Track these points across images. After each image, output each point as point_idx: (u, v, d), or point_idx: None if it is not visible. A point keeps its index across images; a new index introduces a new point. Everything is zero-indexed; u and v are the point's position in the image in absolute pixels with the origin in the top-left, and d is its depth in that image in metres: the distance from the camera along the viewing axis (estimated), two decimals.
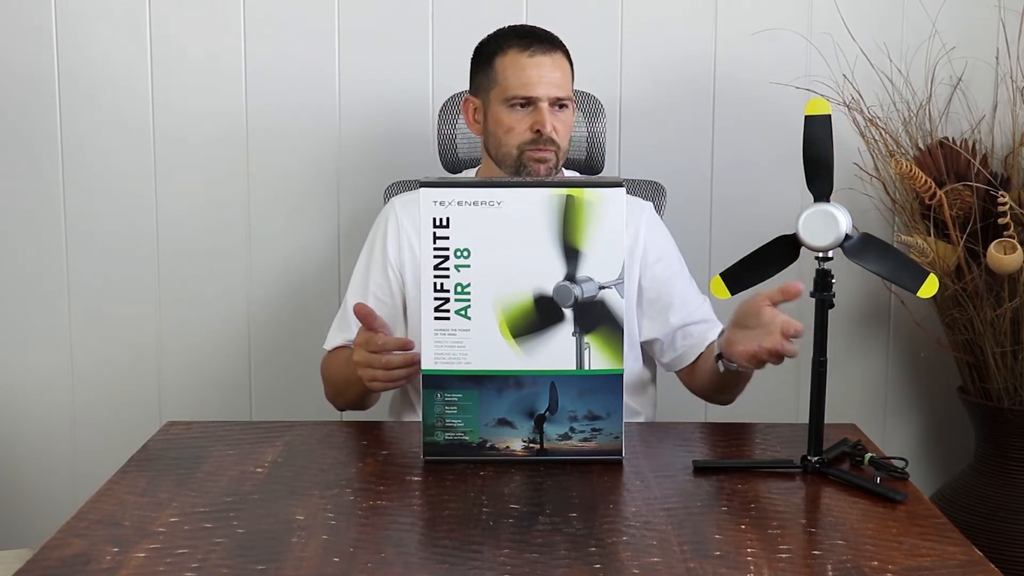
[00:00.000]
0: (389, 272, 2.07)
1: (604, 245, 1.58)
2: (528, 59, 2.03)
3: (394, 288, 2.06)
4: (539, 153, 2.02)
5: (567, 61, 2.07)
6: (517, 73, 2.03)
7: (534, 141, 2.02)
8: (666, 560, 1.31)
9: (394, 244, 2.07)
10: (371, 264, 2.09)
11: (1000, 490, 2.48)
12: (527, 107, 2.03)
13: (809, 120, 1.59)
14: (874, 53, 2.54)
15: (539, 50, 2.03)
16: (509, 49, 2.05)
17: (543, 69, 2.02)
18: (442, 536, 1.39)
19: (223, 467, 1.62)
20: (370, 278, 2.08)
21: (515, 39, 2.05)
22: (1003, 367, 2.45)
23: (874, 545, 1.36)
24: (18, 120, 2.62)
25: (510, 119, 2.04)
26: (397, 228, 2.08)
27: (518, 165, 2.04)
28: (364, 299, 2.04)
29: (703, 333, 2.04)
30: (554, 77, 2.02)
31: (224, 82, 2.60)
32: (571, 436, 1.61)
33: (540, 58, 2.03)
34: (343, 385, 1.98)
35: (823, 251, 1.58)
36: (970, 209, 2.42)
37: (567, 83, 2.05)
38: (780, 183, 2.59)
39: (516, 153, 2.03)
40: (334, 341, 2.08)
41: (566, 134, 2.05)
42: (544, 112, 2.01)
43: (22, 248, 2.66)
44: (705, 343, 2.02)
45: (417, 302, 1.99)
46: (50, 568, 1.29)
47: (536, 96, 2.01)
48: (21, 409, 2.71)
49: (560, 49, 2.06)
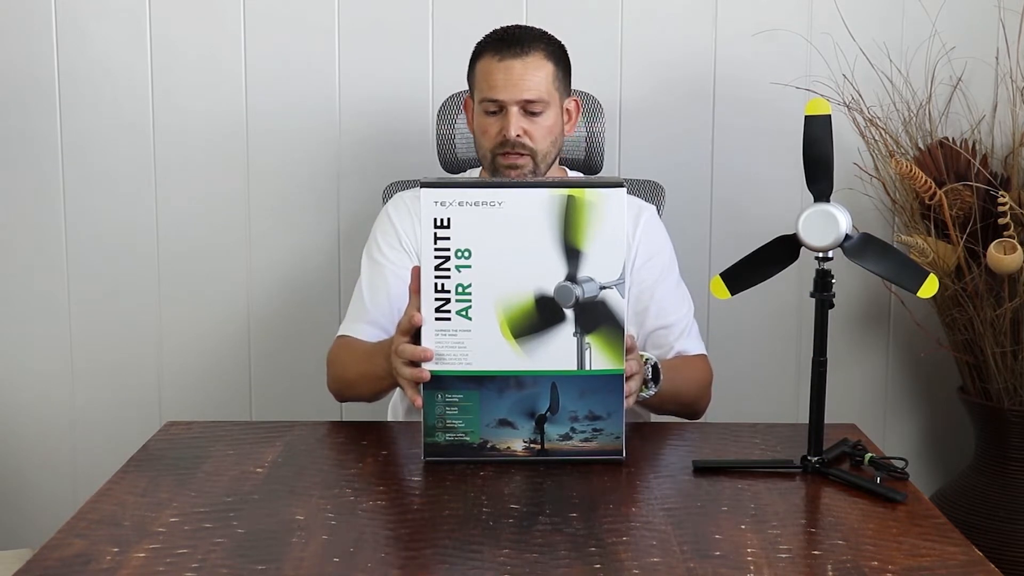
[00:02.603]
0: (404, 246, 2.05)
1: (605, 245, 1.58)
2: (497, 63, 2.02)
3: (414, 260, 2.01)
4: (508, 159, 2.02)
5: (549, 62, 2.03)
6: (486, 77, 2.03)
7: (502, 145, 2.02)
8: (666, 560, 1.31)
9: (403, 222, 2.07)
10: (384, 247, 2.06)
11: (1000, 490, 2.48)
12: (498, 112, 2.03)
13: (809, 120, 1.59)
14: (874, 53, 2.54)
15: (509, 54, 2.01)
16: (484, 53, 2.05)
17: (511, 73, 2.00)
18: (442, 536, 1.39)
19: (223, 467, 1.62)
20: (385, 260, 2.05)
21: (491, 43, 2.05)
22: (1003, 367, 2.45)
23: (874, 545, 1.36)
24: (18, 120, 2.62)
25: (483, 123, 2.05)
26: (406, 209, 2.08)
27: (493, 169, 2.05)
28: (384, 283, 2.03)
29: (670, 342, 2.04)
30: (524, 81, 2.00)
31: (224, 81, 2.60)
32: (572, 436, 1.61)
33: (509, 62, 2.01)
34: (355, 379, 1.94)
35: (823, 251, 1.58)
36: (970, 209, 2.42)
37: (542, 85, 2.01)
38: (780, 183, 2.59)
39: (490, 157, 2.05)
40: (352, 331, 2.03)
41: (542, 137, 2.02)
42: (511, 116, 2.00)
43: (22, 248, 2.66)
44: (671, 352, 2.03)
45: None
46: (50, 568, 1.29)
47: (502, 100, 2.01)
48: (21, 409, 2.71)
49: (539, 50, 2.03)
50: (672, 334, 2.06)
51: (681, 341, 2.06)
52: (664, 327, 2.06)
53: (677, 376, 1.91)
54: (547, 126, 2.04)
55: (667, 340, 2.05)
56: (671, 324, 2.06)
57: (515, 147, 2.01)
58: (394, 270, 2.04)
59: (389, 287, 2.02)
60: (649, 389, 1.82)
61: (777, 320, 2.68)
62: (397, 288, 2.00)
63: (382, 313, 2.01)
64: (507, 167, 2.03)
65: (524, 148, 2.02)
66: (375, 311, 2.01)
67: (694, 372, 2.04)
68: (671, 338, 2.05)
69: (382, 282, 2.04)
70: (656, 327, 2.06)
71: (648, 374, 1.82)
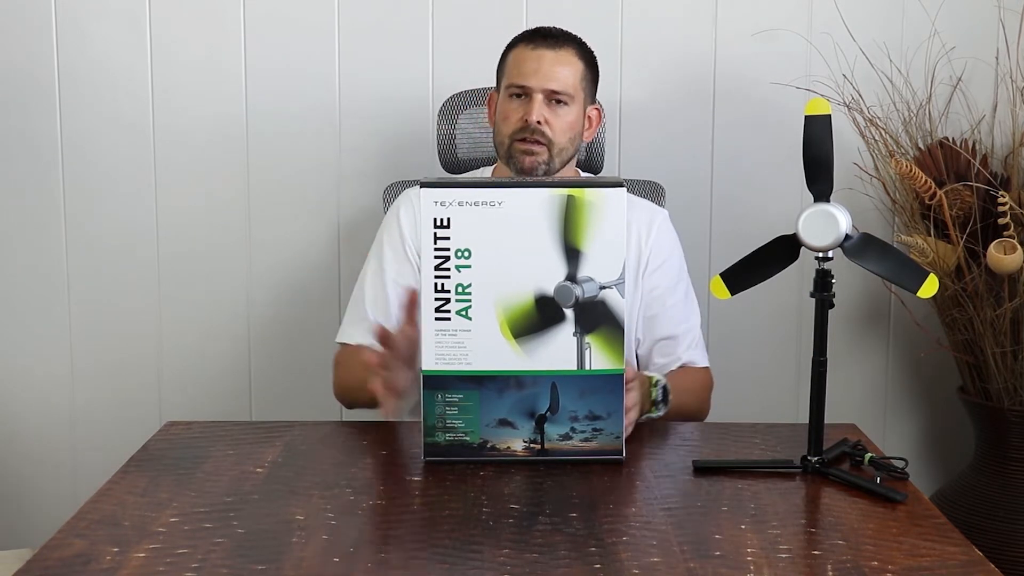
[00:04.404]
0: (408, 253, 2.05)
1: (605, 245, 1.58)
2: (530, 51, 2.04)
3: (415, 269, 2.02)
4: (525, 144, 2.01)
5: (579, 59, 2.06)
6: (517, 64, 2.05)
7: (522, 130, 2.01)
8: (666, 560, 1.31)
9: (410, 226, 2.06)
10: (388, 251, 2.06)
11: (1000, 490, 2.48)
12: (523, 97, 2.03)
13: (809, 120, 1.59)
14: (874, 53, 2.54)
15: (543, 44, 2.04)
16: (518, 43, 2.07)
17: (543, 62, 2.02)
18: (442, 536, 1.39)
19: (223, 467, 1.62)
20: (388, 266, 2.05)
21: (527, 35, 2.08)
22: (1003, 367, 2.45)
23: (874, 545, 1.36)
24: (18, 120, 2.62)
25: (506, 108, 2.05)
26: (412, 211, 2.07)
27: (508, 156, 2.04)
28: (384, 289, 2.03)
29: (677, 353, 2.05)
30: (553, 71, 2.02)
31: (224, 82, 2.60)
32: (572, 436, 1.61)
33: (543, 51, 2.03)
34: (357, 388, 1.92)
35: (823, 251, 1.58)
36: (970, 209, 2.42)
37: (570, 79, 2.03)
38: (780, 183, 2.59)
39: (507, 143, 2.04)
40: (352, 337, 2.04)
41: (562, 130, 2.03)
42: (535, 103, 2.01)
43: (22, 248, 2.66)
44: (677, 363, 2.04)
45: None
46: (50, 568, 1.29)
47: (529, 86, 2.02)
48: (21, 409, 2.71)
49: (572, 47, 2.06)
50: (680, 346, 2.07)
51: (688, 352, 2.07)
52: (672, 337, 2.07)
53: (682, 393, 1.91)
54: (569, 121, 2.04)
55: (674, 351, 2.06)
56: (679, 335, 2.07)
57: (534, 133, 2.01)
58: (395, 277, 2.04)
59: (388, 296, 2.03)
60: (659, 410, 1.83)
61: (777, 320, 2.68)
62: (396, 296, 2.01)
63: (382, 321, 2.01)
64: (523, 153, 2.02)
65: (543, 137, 2.02)
66: (374, 318, 2.02)
67: (697, 386, 2.05)
68: (679, 350, 2.06)
69: (382, 292, 2.04)
70: (664, 336, 2.06)
71: (658, 396, 1.82)
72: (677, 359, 2.06)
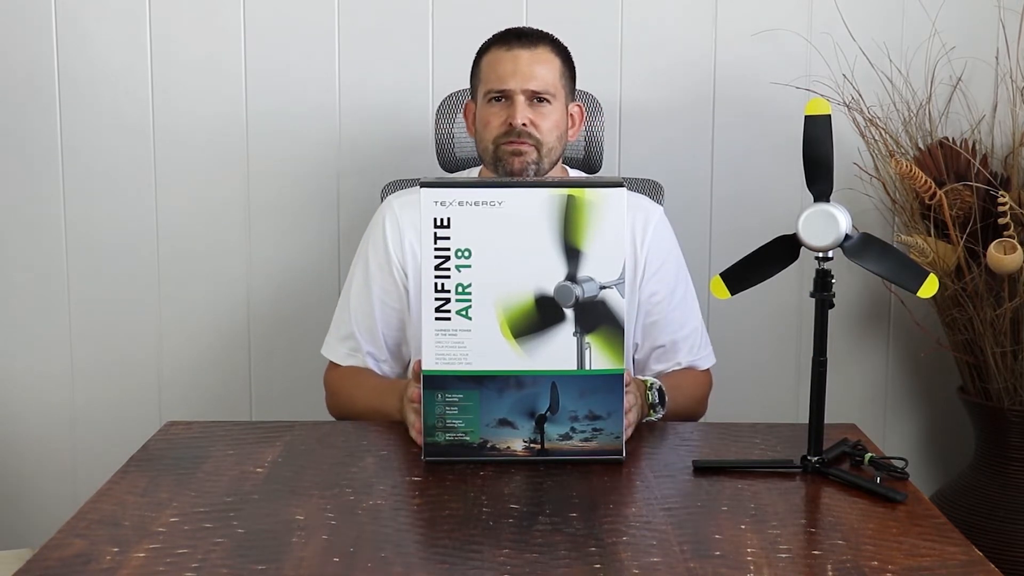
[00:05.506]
0: (395, 273, 2.04)
1: (605, 245, 1.58)
2: (506, 53, 2.01)
3: (400, 290, 2.04)
4: (512, 146, 1.98)
5: (556, 57, 2.03)
6: (493, 67, 2.02)
7: (507, 134, 1.99)
8: (666, 560, 1.31)
9: (396, 244, 2.04)
10: (374, 268, 2.05)
11: (1000, 490, 2.48)
12: (503, 101, 2.00)
13: (809, 120, 1.59)
14: (874, 53, 2.54)
15: (518, 44, 2.01)
16: (492, 47, 2.05)
17: (520, 62, 1.99)
18: (442, 536, 1.39)
19: (223, 467, 1.62)
20: (374, 283, 2.05)
21: (500, 38, 2.05)
22: (1003, 367, 2.45)
23: (874, 545, 1.36)
24: (18, 120, 2.62)
25: (487, 114, 2.02)
26: (398, 228, 2.05)
27: (495, 161, 2.01)
28: (370, 306, 2.04)
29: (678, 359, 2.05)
30: (532, 70, 1.99)
31: (224, 83, 2.60)
32: (572, 436, 1.61)
33: (518, 51, 2.00)
34: (364, 411, 1.93)
35: (823, 251, 1.58)
36: (970, 209, 2.42)
37: (549, 77, 2.01)
38: (780, 183, 2.59)
39: (492, 148, 2.01)
40: (338, 354, 2.06)
41: (549, 129, 2.00)
42: (517, 105, 1.98)
43: (22, 248, 2.66)
44: (677, 367, 2.05)
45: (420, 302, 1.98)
46: (50, 568, 1.29)
47: (509, 88, 1.99)
48: (21, 409, 2.71)
49: (546, 44, 2.03)
50: (680, 351, 2.07)
51: (690, 356, 2.07)
52: (673, 342, 2.07)
53: (679, 395, 1.92)
54: (554, 119, 2.02)
55: (675, 356, 2.06)
56: (680, 340, 2.07)
57: (520, 136, 1.98)
58: (381, 296, 2.04)
59: (375, 315, 2.04)
60: (657, 413, 1.83)
61: (777, 320, 2.68)
62: (383, 314, 2.03)
63: (367, 340, 2.04)
64: (511, 153, 1.99)
65: (530, 138, 1.99)
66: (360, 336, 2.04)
67: (694, 389, 2.05)
68: (679, 355, 2.06)
69: (368, 309, 2.05)
70: (665, 342, 2.06)
71: (655, 399, 1.82)
72: (677, 364, 2.06)
